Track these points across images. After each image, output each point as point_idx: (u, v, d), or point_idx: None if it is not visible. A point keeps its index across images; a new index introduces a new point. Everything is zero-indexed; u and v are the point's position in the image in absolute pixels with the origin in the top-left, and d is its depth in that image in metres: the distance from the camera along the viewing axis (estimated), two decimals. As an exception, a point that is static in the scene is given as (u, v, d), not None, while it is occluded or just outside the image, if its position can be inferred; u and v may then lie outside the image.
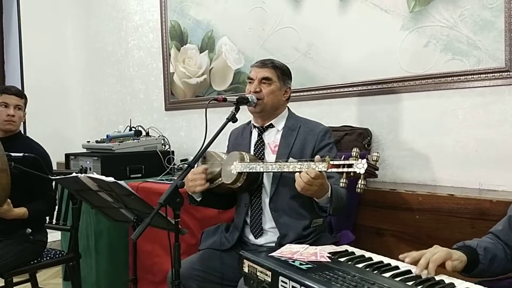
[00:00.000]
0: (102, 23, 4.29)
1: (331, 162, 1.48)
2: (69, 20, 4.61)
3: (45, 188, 2.42)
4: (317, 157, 1.57)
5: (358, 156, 1.42)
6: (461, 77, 2.09)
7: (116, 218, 1.90)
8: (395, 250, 2.11)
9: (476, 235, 1.80)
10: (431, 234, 1.98)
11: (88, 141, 3.29)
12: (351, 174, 1.42)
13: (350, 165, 1.42)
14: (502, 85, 1.99)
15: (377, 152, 1.46)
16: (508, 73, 1.96)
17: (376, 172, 1.44)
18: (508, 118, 1.98)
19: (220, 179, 1.86)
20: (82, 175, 1.73)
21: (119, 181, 1.58)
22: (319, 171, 1.53)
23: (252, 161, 1.79)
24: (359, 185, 1.40)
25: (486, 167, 2.04)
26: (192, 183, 1.83)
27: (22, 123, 2.53)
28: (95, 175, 1.67)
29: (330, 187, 1.65)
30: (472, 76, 2.06)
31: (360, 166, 1.39)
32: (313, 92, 2.68)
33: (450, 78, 2.12)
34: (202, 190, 1.83)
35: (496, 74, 2.00)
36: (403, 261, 1.31)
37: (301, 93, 2.72)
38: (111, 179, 1.59)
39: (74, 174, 1.76)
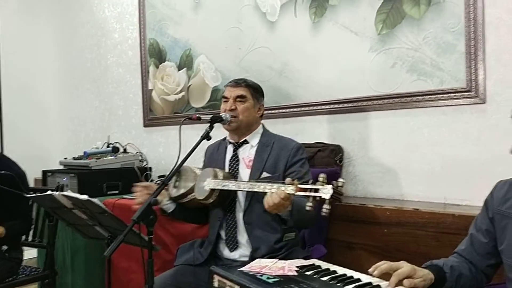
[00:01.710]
0: (82, 40, 4.32)
1: (299, 186, 1.55)
2: (48, 36, 4.63)
3: (23, 207, 2.43)
4: (288, 179, 1.62)
5: (325, 182, 1.48)
6: (425, 97, 2.20)
7: (90, 235, 1.93)
8: (366, 263, 2.15)
9: (441, 248, 1.88)
10: (399, 247, 2.05)
11: (66, 158, 3.30)
12: (317, 198, 1.49)
13: (316, 190, 1.48)
14: (463, 104, 2.09)
15: (343, 179, 1.51)
16: (469, 93, 2.07)
17: (340, 197, 1.51)
18: (470, 136, 2.08)
19: (193, 194, 1.91)
20: (57, 193, 1.75)
21: (92, 199, 1.61)
22: (288, 193, 1.59)
23: (225, 178, 1.85)
24: (324, 209, 1.46)
25: (450, 183, 2.13)
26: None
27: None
28: (70, 193, 1.70)
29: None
30: (436, 95, 2.17)
31: (325, 192, 1.46)
32: (287, 110, 2.76)
33: (416, 98, 2.23)
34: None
35: (458, 94, 2.11)
36: (371, 274, 1.35)
37: (276, 111, 2.79)
38: (85, 197, 1.63)
39: (49, 192, 1.78)
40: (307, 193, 1.50)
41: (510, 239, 1.36)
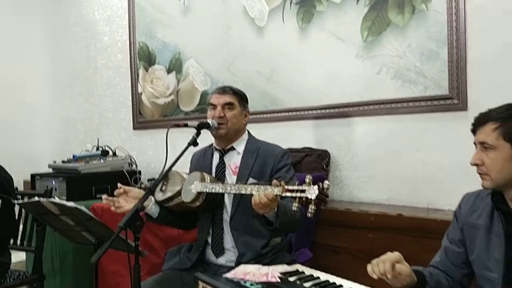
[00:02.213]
0: (71, 42, 4.32)
1: (286, 187, 1.58)
2: (38, 39, 4.62)
3: (7, 213, 2.43)
4: (274, 181, 1.65)
5: (311, 183, 1.51)
6: (410, 103, 2.24)
7: (78, 241, 1.94)
8: (351, 267, 2.21)
9: (423, 253, 1.91)
10: (383, 252, 2.06)
11: (55, 161, 3.30)
12: (303, 199, 1.52)
13: (303, 191, 1.52)
14: (446, 111, 2.14)
15: (328, 182, 1.55)
16: (451, 100, 2.12)
17: (326, 199, 1.54)
18: (452, 142, 2.12)
19: (179, 197, 1.93)
20: (44, 199, 1.77)
21: (79, 206, 1.63)
22: (275, 195, 1.61)
23: (212, 182, 1.88)
24: (310, 210, 1.49)
25: (433, 188, 2.18)
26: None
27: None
28: (57, 200, 1.71)
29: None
30: (420, 102, 2.21)
31: (311, 192, 1.49)
32: (275, 115, 2.79)
33: (400, 104, 2.27)
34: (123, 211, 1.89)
35: (441, 101, 2.15)
36: (352, 281, 1.38)
37: (264, 115, 2.82)
38: (72, 204, 1.64)
39: (36, 199, 1.80)
40: (294, 194, 1.53)
41: (479, 249, 1.41)
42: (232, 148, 2.06)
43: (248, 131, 2.13)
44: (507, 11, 1.97)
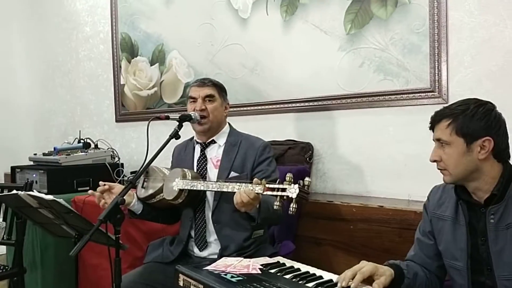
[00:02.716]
0: (52, 33, 4.25)
1: (267, 186, 1.58)
2: (18, 29, 4.53)
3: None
4: (256, 179, 1.65)
5: (292, 182, 1.52)
6: (391, 96, 2.25)
7: (58, 234, 1.92)
8: (333, 258, 2.24)
9: (404, 244, 1.94)
10: (364, 243, 2.11)
11: (35, 154, 3.25)
12: (284, 197, 1.52)
13: (283, 189, 1.52)
14: (427, 104, 2.15)
15: (309, 178, 1.55)
16: (433, 93, 2.14)
17: (308, 196, 1.55)
18: (432, 135, 2.14)
19: (161, 194, 1.92)
20: (22, 192, 1.74)
21: (58, 199, 1.61)
22: (257, 193, 1.61)
23: (194, 178, 1.87)
24: (291, 208, 1.49)
25: (414, 180, 2.20)
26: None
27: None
28: (35, 193, 1.69)
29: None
30: (402, 95, 2.22)
31: (292, 191, 1.49)
32: (259, 107, 2.79)
33: (382, 97, 2.28)
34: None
35: (422, 94, 2.17)
36: (334, 272, 1.39)
37: (248, 108, 2.82)
38: (50, 197, 1.62)
39: (14, 192, 1.77)
40: (275, 193, 1.53)
41: (446, 240, 1.45)
42: (213, 141, 2.05)
43: (229, 123, 2.13)
44: (486, 6, 1.99)
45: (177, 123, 1.91)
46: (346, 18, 2.38)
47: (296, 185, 1.49)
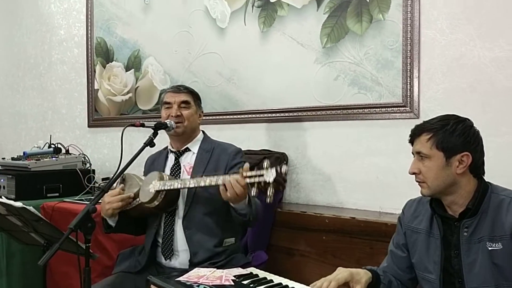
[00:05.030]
0: (25, 35, 4.15)
1: (245, 174, 1.59)
2: (-11, 28, 4.41)
3: None
4: (233, 170, 1.66)
5: (269, 167, 1.53)
6: (365, 110, 2.30)
7: (26, 242, 1.87)
8: (305, 269, 2.25)
9: (375, 256, 1.98)
10: (336, 254, 2.14)
11: (3, 158, 3.16)
12: (261, 184, 1.53)
13: (261, 175, 1.53)
14: (399, 118, 2.21)
15: (287, 166, 1.57)
16: (405, 108, 2.19)
17: (284, 183, 1.56)
18: (403, 149, 2.17)
19: (137, 199, 1.89)
20: (-10, 199, 1.69)
21: (27, 207, 1.57)
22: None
23: (170, 179, 1.86)
24: (269, 193, 1.51)
25: (385, 192, 2.24)
26: (109, 206, 1.85)
27: None
28: (4, 200, 1.64)
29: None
30: (375, 109, 2.27)
31: (269, 175, 1.51)
32: (235, 116, 2.79)
33: (356, 110, 2.32)
34: (118, 209, 1.86)
35: (394, 109, 2.22)
36: (307, 284, 1.41)
37: (224, 117, 2.82)
38: (19, 204, 1.58)
39: (-19, 198, 1.72)
40: (253, 180, 1.55)
41: (420, 252, 1.49)
42: (187, 149, 2.05)
43: (203, 131, 2.13)
44: (457, 25, 2.06)
45: (152, 130, 1.90)
46: (323, 32, 2.42)
47: (273, 169, 1.51)
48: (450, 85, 2.09)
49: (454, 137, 1.37)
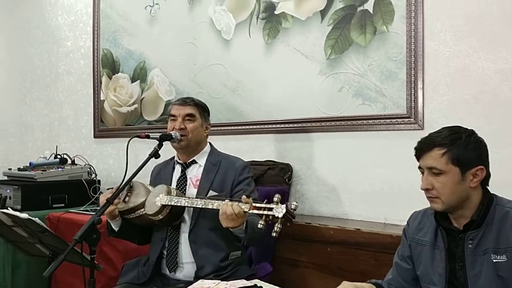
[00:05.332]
0: (32, 46, 4.20)
1: (254, 205, 1.59)
2: (-3, 40, 4.47)
3: None
4: (244, 197, 1.65)
5: (279, 202, 1.53)
6: (369, 121, 2.30)
7: (32, 253, 1.88)
8: (309, 280, 2.24)
9: (379, 267, 1.97)
10: (341, 266, 2.13)
11: (10, 168, 3.19)
12: (270, 217, 1.53)
13: (270, 209, 1.53)
14: (404, 129, 2.21)
15: (296, 202, 1.56)
16: (409, 119, 2.19)
17: (293, 219, 1.56)
18: (408, 160, 2.17)
19: (142, 209, 1.90)
20: (-4, 210, 1.71)
21: (33, 218, 1.58)
22: (244, 211, 1.62)
23: (178, 196, 1.86)
24: (276, 228, 1.51)
25: (390, 204, 2.24)
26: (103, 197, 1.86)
27: None
28: (10, 211, 1.65)
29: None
30: (379, 120, 2.27)
31: (279, 211, 1.51)
32: (240, 127, 2.80)
33: (360, 121, 2.33)
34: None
35: (399, 120, 2.22)
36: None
37: (229, 128, 2.83)
38: (25, 215, 1.59)
39: (-13, 209, 1.73)
40: (261, 212, 1.54)
41: (425, 264, 1.48)
42: (194, 162, 2.06)
43: (210, 143, 2.14)
44: (460, 37, 2.07)
45: (157, 142, 1.92)
46: (327, 43, 2.43)
47: (284, 205, 1.51)
48: (454, 96, 2.09)
49: (468, 151, 1.35)
